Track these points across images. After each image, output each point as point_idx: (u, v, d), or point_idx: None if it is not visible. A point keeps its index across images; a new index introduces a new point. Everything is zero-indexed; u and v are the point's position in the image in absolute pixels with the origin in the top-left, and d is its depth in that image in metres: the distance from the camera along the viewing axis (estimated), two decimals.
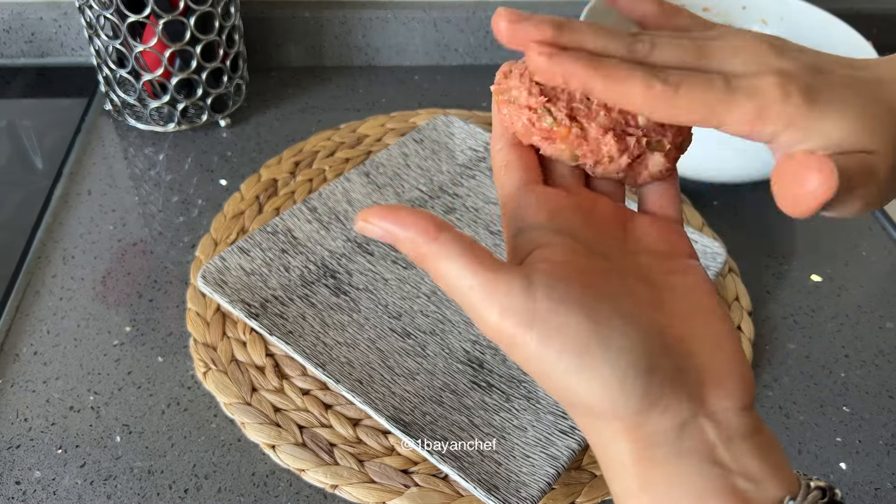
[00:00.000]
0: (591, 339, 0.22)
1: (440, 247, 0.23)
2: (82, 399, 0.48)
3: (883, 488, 0.47)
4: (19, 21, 0.75)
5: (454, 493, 0.44)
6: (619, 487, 0.24)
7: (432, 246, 0.23)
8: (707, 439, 0.23)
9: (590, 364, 0.22)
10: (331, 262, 0.55)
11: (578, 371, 0.22)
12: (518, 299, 0.22)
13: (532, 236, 0.25)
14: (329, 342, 0.49)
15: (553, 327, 0.22)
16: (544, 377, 0.23)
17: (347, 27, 0.78)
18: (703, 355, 0.24)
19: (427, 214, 0.24)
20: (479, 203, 0.61)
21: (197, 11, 0.62)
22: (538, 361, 0.23)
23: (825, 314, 0.58)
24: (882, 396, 0.52)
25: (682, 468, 0.23)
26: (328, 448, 0.46)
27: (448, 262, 0.23)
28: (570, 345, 0.22)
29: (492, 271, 0.23)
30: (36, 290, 0.55)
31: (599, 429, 0.24)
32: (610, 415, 0.23)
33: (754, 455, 0.23)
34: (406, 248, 0.24)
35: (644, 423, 0.23)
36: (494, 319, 0.23)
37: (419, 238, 0.24)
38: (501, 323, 0.23)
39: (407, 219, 0.24)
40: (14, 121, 0.71)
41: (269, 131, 0.71)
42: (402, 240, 0.24)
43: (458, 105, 0.76)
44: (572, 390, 0.23)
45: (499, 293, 0.23)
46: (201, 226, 0.61)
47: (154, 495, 0.44)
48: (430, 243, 0.23)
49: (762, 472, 0.23)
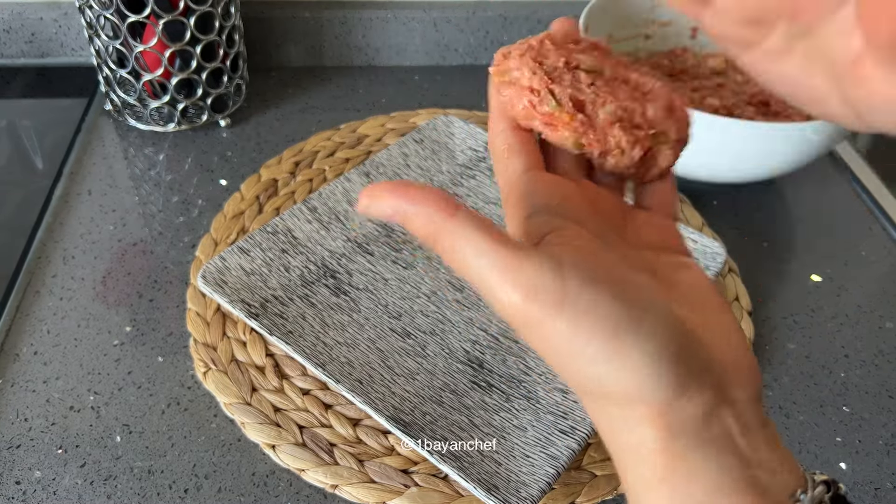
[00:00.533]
0: (622, 321, 0.21)
1: (456, 223, 0.22)
2: (82, 399, 0.48)
3: (883, 488, 0.47)
4: (19, 21, 0.75)
5: (454, 493, 0.44)
6: (634, 476, 0.23)
7: (448, 223, 0.22)
8: (728, 429, 0.23)
9: (619, 349, 0.21)
10: (331, 262, 0.55)
11: (607, 357, 0.21)
12: (547, 278, 0.21)
13: (545, 219, 0.24)
14: (329, 342, 0.49)
15: (583, 309, 0.21)
16: (566, 362, 0.22)
17: (347, 27, 0.78)
18: (716, 346, 0.24)
19: (439, 191, 0.23)
20: (479, 203, 0.61)
21: (197, 11, 0.62)
22: (565, 344, 0.21)
23: (825, 314, 0.58)
24: (882, 396, 0.52)
25: (704, 460, 0.22)
26: (328, 448, 0.46)
27: (465, 240, 0.22)
28: (601, 327, 0.21)
29: (515, 249, 0.21)
30: (36, 290, 0.55)
31: (618, 416, 0.23)
32: (636, 401, 0.22)
33: (768, 446, 0.23)
34: (418, 225, 0.22)
35: (671, 409, 0.22)
36: (517, 300, 0.21)
37: (435, 214, 0.22)
38: (527, 304, 0.21)
39: (419, 195, 0.22)
40: (14, 121, 0.71)
41: (269, 131, 0.71)
42: (413, 216, 0.22)
43: (458, 105, 0.76)
44: (597, 377, 0.22)
45: (525, 271, 0.21)
46: (201, 226, 0.61)
47: (154, 495, 0.44)
48: (447, 220, 0.22)
49: (776, 463, 0.23)
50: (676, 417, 0.22)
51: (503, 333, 0.51)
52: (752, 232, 0.64)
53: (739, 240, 0.63)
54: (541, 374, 0.49)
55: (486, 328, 0.52)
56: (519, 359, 0.50)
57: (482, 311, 0.53)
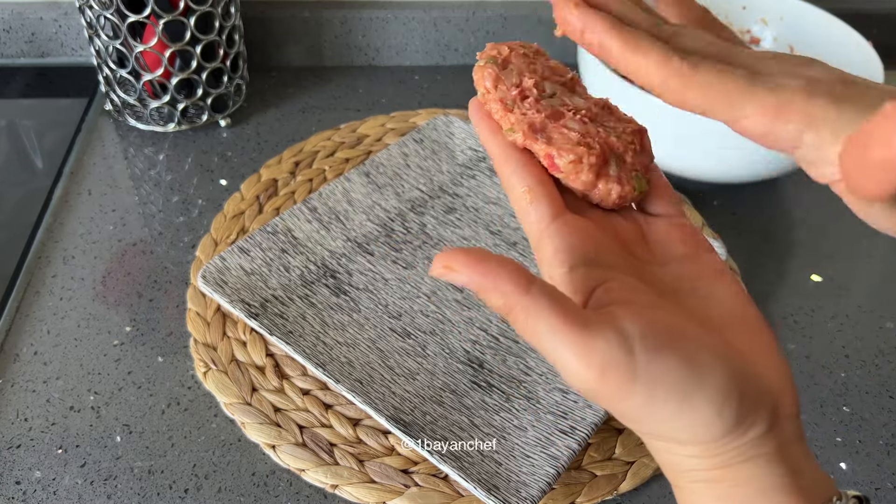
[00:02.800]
0: (690, 382, 0.22)
1: (530, 300, 0.22)
2: (82, 399, 0.48)
3: (883, 488, 0.47)
4: (19, 21, 0.75)
5: (454, 493, 0.44)
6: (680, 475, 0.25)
7: (524, 299, 0.22)
8: (775, 445, 0.24)
9: (690, 405, 0.22)
10: (331, 261, 0.55)
11: (678, 414, 0.22)
12: (617, 354, 0.22)
13: (586, 272, 0.25)
14: (329, 342, 0.49)
15: (655, 378, 0.22)
16: (642, 423, 0.23)
17: (347, 27, 0.78)
18: (765, 369, 0.24)
19: (512, 262, 0.23)
20: (479, 203, 0.61)
21: (197, 11, 0.62)
22: (639, 411, 0.22)
23: (825, 314, 0.58)
24: (882, 396, 0.52)
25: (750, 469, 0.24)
26: (328, 448, 0.46)
27: (538, 318, 0.22)
28: (673, 391, 0.22)
29: (583, 325, 0.22)
30: (36, 290, 0.55)
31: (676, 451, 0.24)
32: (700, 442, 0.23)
33: (806, 458, 0.24)
34: (494, 300, 0.23)
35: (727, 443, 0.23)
36: (594, 377, 0.22)
37: (510, 291, 0.22)
38: (603, 380, 0.22)
39: (493, 270, 0.23)
40: (14, 121, 0.71)
41: (269, 131, 0.71)
42: (490, 291, 0.23)
43: (458, 105, 0.76)
44: (668, 430, 0.23)
45: (597, 351, 0.22)
46: (201, 226, 0.61)
47: (154, 495, 0.44)
48: (522, 296, 0.22)
49: (814, 473, 0.24)
50: (731, 446, 0.23)
51: (503, 333, 0.51)
52: (752, 232, 0.64)
53: (739, 240, 0.63)
54: (541, 374, 0.49)
55: (486, 328, 0.52)
56: (519, 359, 0.50)
57: (482, 310, 0.53)
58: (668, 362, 0.22)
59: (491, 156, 0.28)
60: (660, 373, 0.22)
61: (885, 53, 0.62)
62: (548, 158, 0.27)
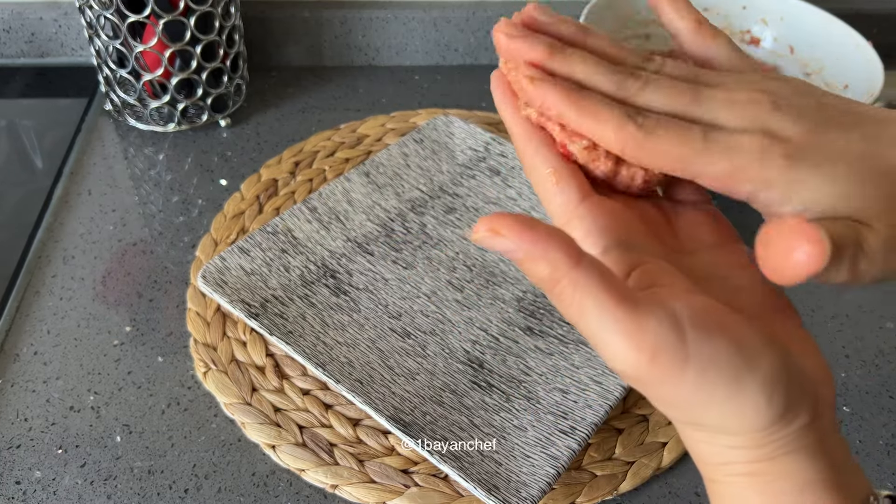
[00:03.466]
0: (741, 366, 0.21)
1: (580, 273, 0.21)
2: (82, 399, 0.48)
3: (883, 488, 0.47)
4: (19, 21, 0.75)
5: (454, 493, 0.44)
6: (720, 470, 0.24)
7: (573, 272, 0.21)
8: (816, 437, 0.23)
9: (741, 390, 0.21)
10: (331, 261, 0.55)
11: (728, 400, 0.22)
12: (670, 336, 0.21)
13: (622, 255, 0.24)
14: (329, 342, 0.49)
15: (706, 361, 0.21)
16: (690, 409, 0.22)
17: (347, 27, 0.78)
18: (807, 359, 0.24)
19: (562, 233, 0.21)
20: (479, 203, 0.61)
21: (197, 11, 0.62)
22: (690, 395, 0.21)
23: (825, 314, 0.58)
24: (882, 396, 0.52)
25: (792, 462, 0.23)
26: (328, 448, 0.46)
27: (587, 293, 0.21)
28: (724, 375, 0.21)
29: (633, 304, 0.21)
30: (36, 290, 0.55)
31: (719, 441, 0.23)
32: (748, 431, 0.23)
33: (843, 451, 0.24)
34: (540, 270, 0.21)
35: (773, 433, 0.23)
36: (645, 359, 0.21)
37: (560, 261, 0.21)
38: (653, 363, 0.21)
39: (544, 237, 0.21)
40: (14, 121, 0.71)
41: (269, 131, 0.71)
42: (539, 260, 0.21)
43: (458, 105, 0.76)
44: (718, 417, 0.22)
45: (648, 330, 0.21)
46: (201, 226, 0.61)
47: (154, 495, 0.44)
48: (572, 269, 0.21)
49: (852, 468, 0.24)
50: (775, 436, 0.23)
51: (503, 333, 0.51)
52: (752, 232, 0.64)
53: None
54: (541, 374, 0.49)
55: (486, 328, 0.52)
56: (519, 359, 0.50)
57: (482, 310, 0.53)
58: (720, 345, 0.21)
59: (511, 134, 0.27)
60: (711, 356, 0.21)
61: (885, 53, 0.62)
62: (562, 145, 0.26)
